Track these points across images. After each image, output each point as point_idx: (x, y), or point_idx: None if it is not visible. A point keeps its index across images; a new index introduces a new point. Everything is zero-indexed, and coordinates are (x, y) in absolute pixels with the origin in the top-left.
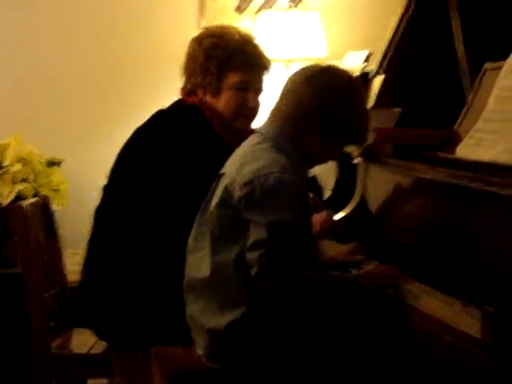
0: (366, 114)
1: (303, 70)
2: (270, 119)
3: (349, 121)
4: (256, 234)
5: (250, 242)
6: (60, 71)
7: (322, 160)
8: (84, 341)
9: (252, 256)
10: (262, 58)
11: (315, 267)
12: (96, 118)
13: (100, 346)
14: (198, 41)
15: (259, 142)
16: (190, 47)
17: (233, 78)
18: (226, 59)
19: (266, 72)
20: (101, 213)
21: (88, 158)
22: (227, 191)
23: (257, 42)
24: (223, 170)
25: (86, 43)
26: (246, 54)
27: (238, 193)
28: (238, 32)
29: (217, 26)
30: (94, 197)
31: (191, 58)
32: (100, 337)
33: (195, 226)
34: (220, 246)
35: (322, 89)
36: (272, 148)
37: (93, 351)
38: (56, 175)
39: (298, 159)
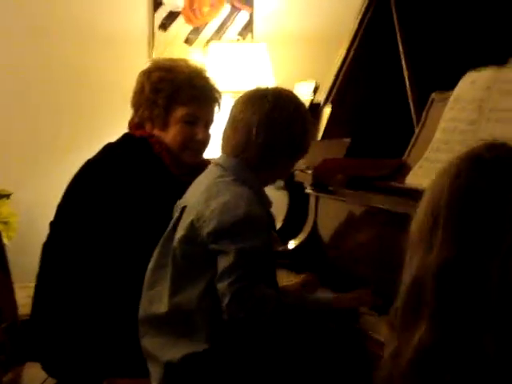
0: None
1: (254, 98)
2: (226, 151)
3: (307, 141)
4: (223, 262)
5: (218, 272)
6: (8, 102)
7: (278, 178)
8: (36, 375)
9: (222, 286)
10: (212, 90)
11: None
12: (45, 149)
13: (52, 381)
14: (146, 74)
15: (221, 176)
16: (138, 81)
17: (181, 112)
18: (173, 93)
19: (216, 104)
20: (48, 248)
21: (38, 189)
22: (193, 227)
23: (207, 74)
24: (184, 203)
25: (29, 75)
26: (194, 87)
27: (206, 228)
28: (188, 65)
29: (166, 59)
30: (43, 230)
31: (139, 91)
32: (50, 373)
33: (155, 257)
34: (183, 281)
35: (290, 120)
36: (234, 181)
37: None
38: (5, 208)
39: (259, 188)
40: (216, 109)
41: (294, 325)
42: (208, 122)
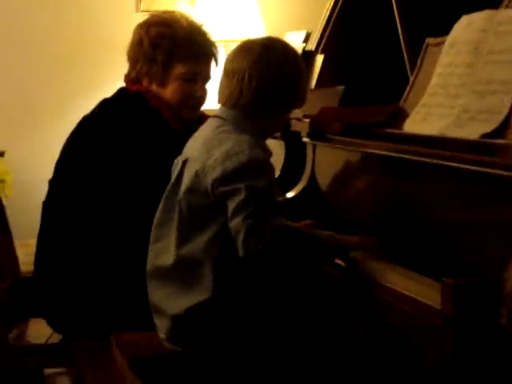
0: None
1: (245, 48)
2: (223, 103)
3: (301, 87)
4: (235, 200)
5: (230, 210)
6: None
7: (277, 130)
8: (41, 331)
9: (236, 222)
10: (211, 46)
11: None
12: (37, 107)
13: (58, 336)
14: (144, 28)
15: (221, 126)
16: (135, 34)
17: (180, 69)
18: (173, 50)
19: (214, 60)
20: (49, 206)
21: (31, 147)
22: (197, 177)
23: (205, 29)
24: (185, 156)
25: (22, 32)
26: (193, 44)
27: (211, 176)
28: (187, 20)
29: (164, 13)
30: (39, 187)
31: (136, 45)
32: (55, 329)
33: (159, 212)
34: (189, 233)
35: (279, 64)
36: (235, 130)
37: (50, 341)
38: (0, 166)
39: (258, 137)
40: (213, 64)
41: (307, 262)
42: (206, 78)
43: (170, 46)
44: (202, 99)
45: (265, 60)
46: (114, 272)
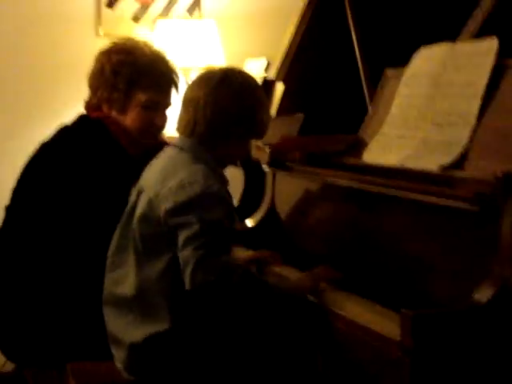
0: (268, 106)
1: (205, 77)
2: (185, 134)
3: (261, 117)
4: (186, 233)
5: (181, 241)
6: None
7: (236, 159)
8: None
9: (186, 253)
10: (172, 75)
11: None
12: None
13: (11, 364)
14: (105, 55)
15: (177, 155)
16: (97, 61)
17: (141, 97)
18: (134, 78)
19: (175, 87)
20: (4, 233)
21: None
22: (151, 205)
23: (167, 58)
24: (141, 185)
25: None
26: (155, 73)
27: (163, 205)
28: (150, 49)
29: (127, 40)
30: None
31: (98, 72)
32: (9, 357)
33: (115, 240)
34: (144, 261)
35: (236, 93)
36: (191, 159)
37: (4, 369)
38: None
39: (215, 165)
40: (174, 91)
41: (258, 299)
42: (167, 105)
43: (131, 74)
44: (162, 127)
45: (222, 89)
46: (70, 299)
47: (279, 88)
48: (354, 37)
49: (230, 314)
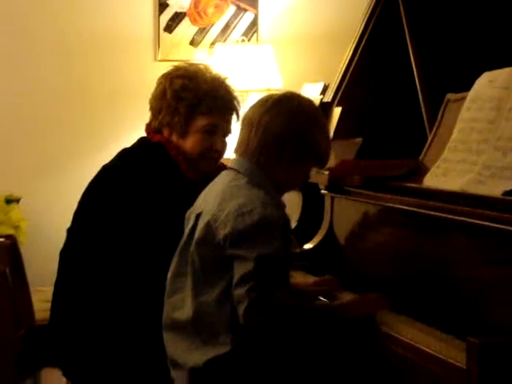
0: (329, 133)
1: (263, 100)
2: (240, 154)
3: (318, 142)
4: (242, 269)
5: (236, 278)
6: (17, 106)
7: (293, 186)
8: (55, 381)
9: (240, 292)
10: (232, 100)
11: (300, 296)
12: (54, 154)
13: None
14: (167, 79)
15: (234, 179)
16: (159, 85)
17: (201, 122)
18: (195, 103)
19: (235, 114)
20: (66, 255)
21: (46, 195)
22: (209, 229)
23: (228, 83)
24: (199, 209)
25: (43, 78)
26: (216, 98)
27: (222, 231)
28: (210, 73)
29: (188, 66)
30: (54, 234)
31: (160, 96)
32: (70, 379)
33: (174, 265)
34: (203, 286)
35: (291, 114)
36: (248, 184)
37: None
38: (15, 213)
39: (272, 190)
40: (234, 118)
41: (314, 328)
42: (226, 132)
43: (193, 99)
44: (221, 152)
45: (278, 110)
46: (131, 323)
47: (336, 111)
48: (412, 60)
49: (289, 337)
